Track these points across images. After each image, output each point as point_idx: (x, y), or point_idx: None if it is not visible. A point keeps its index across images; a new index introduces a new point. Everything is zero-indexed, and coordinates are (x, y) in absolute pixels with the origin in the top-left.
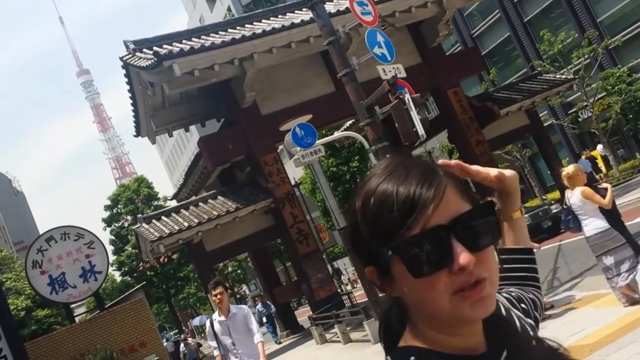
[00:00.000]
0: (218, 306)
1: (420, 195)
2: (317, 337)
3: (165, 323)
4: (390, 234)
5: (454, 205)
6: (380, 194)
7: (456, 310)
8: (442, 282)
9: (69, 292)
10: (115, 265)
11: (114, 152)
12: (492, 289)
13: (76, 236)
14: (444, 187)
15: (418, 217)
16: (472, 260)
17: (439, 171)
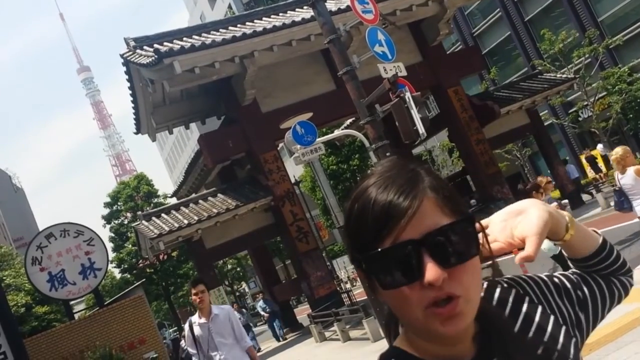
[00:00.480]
0: (198, 307)
1: (396, 206)
2: (316, 335)
3: (165, 320)
4: (364, 244)
5: (430, 219)
6: (363, 200)
7: (428, 325)
8: (414, 295)
9: (68, 289)
10: (115, 263)
11: (114, 149)
12: (466, 307)
13: (76, 233)
14: (421, 199)
15: (390, 230)
16: (441, 277)
17: (422, 182)
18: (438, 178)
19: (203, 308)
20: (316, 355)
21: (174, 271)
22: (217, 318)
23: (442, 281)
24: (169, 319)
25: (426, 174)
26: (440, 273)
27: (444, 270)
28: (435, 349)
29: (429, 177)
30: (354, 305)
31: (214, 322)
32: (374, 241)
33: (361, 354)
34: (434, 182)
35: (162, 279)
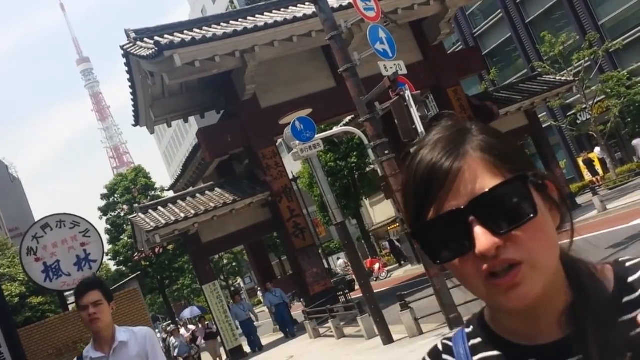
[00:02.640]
0: (92, 329)
1: (435, 172)
2: (310, 331)
3: (159, 314)
4: (412, 215)
5: (476, 183)
6: (409, 167)
7: (491, 298)
8: (469, 267)
9: (63, 280)
10: (111, 255)
11: (112, 141)
12: (533, 274)
13: (72, 224)
14: (465, 161)
15: (432, 199)
16: (493, 246)
17: (469, 141)
18: (494, 134)
19: (98, 332)
20: (310, 351)
21: (169, 265)
22: (124, 348)
23: (495, 250)
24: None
25: (479, 132)
26: (491, 241)
27: (498, 237)
28: (513, 324)
29: (481, 135)
30: (349, 303)
31: (116, 354)
32: (419, 212)
33: (355, 350)
34: (487, 139)
35: (158, 272)
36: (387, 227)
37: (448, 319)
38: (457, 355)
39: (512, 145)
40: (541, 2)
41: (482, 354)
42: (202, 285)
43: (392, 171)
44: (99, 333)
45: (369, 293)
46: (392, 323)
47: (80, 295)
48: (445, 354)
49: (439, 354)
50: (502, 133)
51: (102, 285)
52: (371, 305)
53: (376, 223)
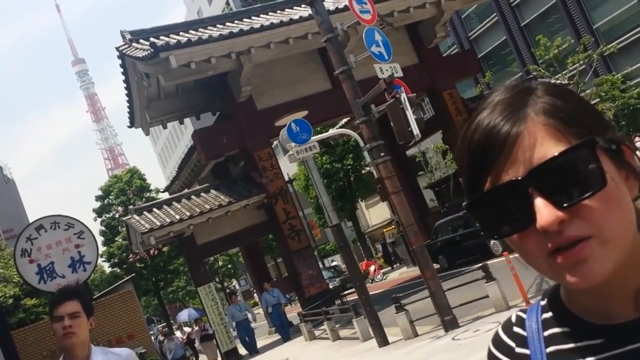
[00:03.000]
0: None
1: (492, 138)
2: (306, 333)
3: (154, 316)
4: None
5: (537, 150)
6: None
7: (555, 275)
8: (530, 244)
9: (57, 282)
10: (105, 256)
11: (107, 143)
12: (602, 250)
13: (66, 226)
14: (525, 126)
15: (489, 168)
16: (556, 220)
17: (532, 103)
18: (562, 94)
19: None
20: (305, 353)
21: (164, 267)
22: None
23: (558, 225)
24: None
25: (543, 92)
26: (554, 216)
27: (562, 210)
28: (584, 302)
29: (545, 96)
30: (344, 305)
31: None
32: (475, 182)
33: (350, 353)
34: (552, 100)
35: (152, 274)
36: (382, 230)
37: (443, 321)
38: (529, 328)
39: (583, 105)
40: (536, 5)
41: (552, 329)
42: (197, 287)
43: (388, 173)
44: (72, 351)
45: (365, 295)
46: (388, 325)
47: (56, 304)
48: (516, 326)
49: (510, 326)
50: (572, 91)
51: (82, 295)
52: (366, 307)
53: (372, 225)
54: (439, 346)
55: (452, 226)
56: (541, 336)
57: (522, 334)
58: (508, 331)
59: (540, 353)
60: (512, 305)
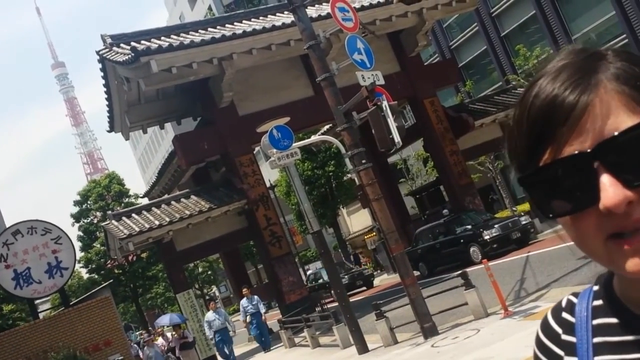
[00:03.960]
0: None
1: (556, 105)
2: (285, 340)
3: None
4: (523, 158)
5: (609, 122)
6: (525, 97)
7: (612, 262)
8: (589, 225)
9: (33, 288)
10: (83, 262)
11: (86, 147)
12: None
13: (43, 231)
14: (596, 93)
15: (550, 139)
16: (624, 200)
17: (602, 69)
18: (636, 62)
19: None
20: None
21: (143, 273)
22: None
23: (626, 205)
24: (137, 321)
25: (616, 57)
26: (623, 195)
27: (631, 190)
28: (636, 293)
29: (619, 62)
30: (325, 312)
31: None
32: (532, 154)
33: None
34: (627, 67)
35: (131, 280)
36: (363, 236)
37: (423, 328)
38: (578, 314)
39: None
40: (516, 16)
41: (601, 319)
42: (176, 294)
43: (369, 180)
44: None
45: (345, 302)
46: (368, 332)
47: None
48: (565, 311)
49: (560, 311)
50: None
51: None
52: (347, 314)
53: (353, 232)
54: (419, 353)
55: (433, 233)
56: (589, 325)
57: (570, 320)
58: (556, 316)
59: (586, 342)
60: (491, 312)
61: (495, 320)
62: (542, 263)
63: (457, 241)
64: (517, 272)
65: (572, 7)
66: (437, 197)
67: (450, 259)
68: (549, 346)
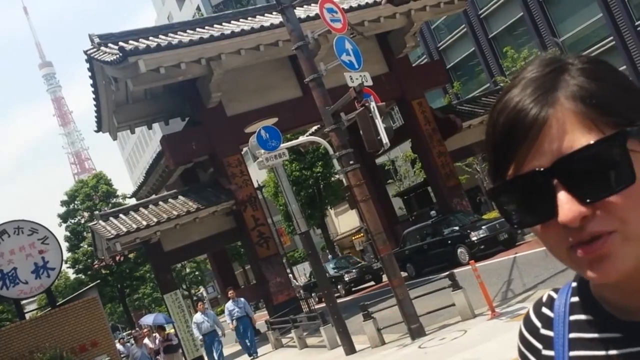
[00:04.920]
0: None
1: (516, 123)
2: (272, 341)
3: (119, 323)
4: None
5: (565, 140)
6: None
7: (576, 268)
8: (552, 234)
9: (20, 288)
10: (70, 262)
11: (74, 147)
12: (624, 246)
13: (30, 231)
14: (552, 112)
15: (512, 154)
16: (579, 216)
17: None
18: (598, 76)
19: None
20: None
21: (130, 273)
22: None
23: (580, 220)
24: (124, 321)
25: (579, 72)
26: (577, 211)
27: (585, 205)
28: (607, 293)
29: (579, 78)
30: (312, 313)
31: None
32: (499, 169)
33: None
34: (585, 83)
35: (118, 280)
36: (351, 237)
37: (410, 329)
38: (557, 310)
39: (622, 88)
40: (504, 18)
41: (577, 315)
42: (164, 295)
43: (357, 181)
44: None
45: (332, 303)
46: (355, 333)
47: None
48: (545, 306)
49: (540, 306)
50: (612, 70)
51: None
52: (334, 315)
53: (341, 233)
54: (406, 354)
55: (420, 234)
56: (567, 320)
57: (549, 314)
58: (537, 311)
59: (562, 337)
60: (478, 313)
61: (483, 321)
62: (529, 264)
63: (444, 242)
64: (504, 273)
65: (559, 9)
66: (424, 198)
67: (438, 260)
68: (529, 339)
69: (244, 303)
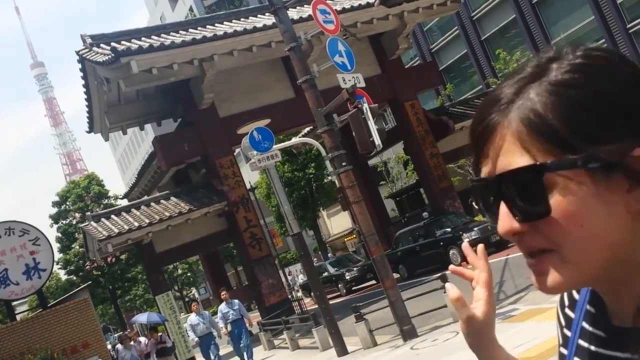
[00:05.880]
0: None
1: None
2: (265, 343)
3: (111, 324)
4: None
5: (503, 156)
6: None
7: None
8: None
9: (11, 289)
10: (61, 264)
11: (65, 148)
12: (563, 268)
13: (21, 232)
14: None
15: (476, 158)
16: (510, 231)
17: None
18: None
19: None
20: None
21: (122, 274)
22: None
23: (514, 234)
24: (115, 323)
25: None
26: (509, 226)
27: (520, 222)
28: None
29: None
30: (305, 314)
31: None
32: (475, 169)
33: None
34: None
35: (110, 282)
36: (343, 239)
37: (402, 330)
38: (581, 293)
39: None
40: (496, 20)
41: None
42: (155, 296)
43: (349, 183)
44: None
45: (324, 304)
46: (347, 334)
47: None
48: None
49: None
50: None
51: None
52: (326, 316)
53: (333, 234)
54: (398, 355)
55: (413, 236)
56: (584, 308)
57: (575, 297)
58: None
59: (577, 323)
60: None
61: None
62: (521, 266)
63: (436, 244)
64: (496, 274)
65: (551, 11)
66: (417, 199)
67: (430, 261)
68: (558, 312)
69: (238, 304)
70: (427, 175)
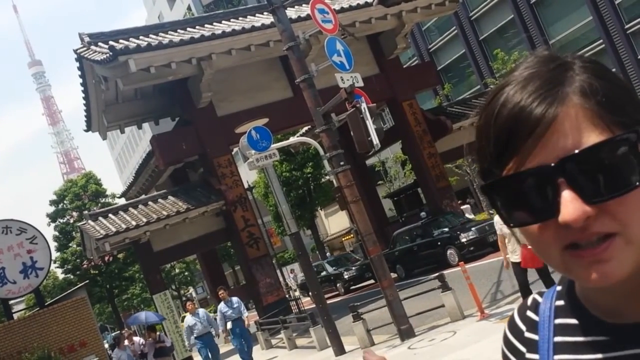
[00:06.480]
0: None
1: (522, 118)
2: (262, 342)
3: (108, 323)
4: (488, 166)
5: (572, 137)
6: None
7: (568, 270)
8: (548, 233)
9: (8, 288)
10: (58, 262)
11: (63, 146)
12: (626, 250)
13: (18, 230)
14: (561, 108)
15: (515, 150)
16: (583, 216)
17: (569, 82)
18: (603, 74)
19: None
20: None
21: (119, 273)
22: None
23: (584, 220)
24: (112, 322)
25: (582, 70)
26: (582, 211)
27: (591, 205)
28: (598, 298)
29: (584, 74)
30: (302, 314)
31: None
32: (497, 164)
33: None
34: (592, 80)
35: (107, 281)
36: (341, 238)
37: (399, 330)
38: (542, 313)
39: (625, 89)
40: (494, 20)
41: (562, 319)
42: (153, 295)
43: (347, 182)
44: None
45: (322, 304)
46: (345, 334)
47: None
48: (530, 310)
49: (525, 309)
50: (614, 73)
51: None
52: (324, 316)
53: (331, 234)
54: (395, 355)
55: (410, 236)
56: (552, 324)
57: (533, 318)
58: (522, 314)
59: (548, 341)
60: (467, 314)
61: (472, 323)
62: None
63: (434, 244)
64: (493, 274)
65: (549, 11)
66: (414, 199)
67: (428, 261)
68: (513, 342)
69: (237, 302)
70: (424, 175)
